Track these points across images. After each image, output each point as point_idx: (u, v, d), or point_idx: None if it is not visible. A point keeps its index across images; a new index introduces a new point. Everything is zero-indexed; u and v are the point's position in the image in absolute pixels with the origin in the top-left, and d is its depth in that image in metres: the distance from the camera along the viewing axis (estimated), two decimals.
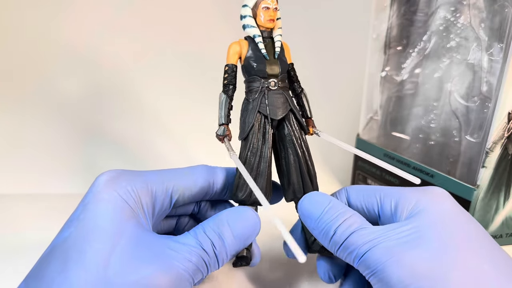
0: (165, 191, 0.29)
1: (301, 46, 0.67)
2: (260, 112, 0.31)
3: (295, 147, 0.31)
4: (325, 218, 0.28)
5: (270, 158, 0.31)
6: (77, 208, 0.27)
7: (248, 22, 0.30)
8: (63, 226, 0.26)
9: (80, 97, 0.61)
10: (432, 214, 0.26)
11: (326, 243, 0.28)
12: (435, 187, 0.29)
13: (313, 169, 0.32)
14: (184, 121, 0.64)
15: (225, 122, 0.31)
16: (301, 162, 0.31)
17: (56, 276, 0.23)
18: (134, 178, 0.28)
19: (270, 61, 0.31)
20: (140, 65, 0.63)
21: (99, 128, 0.61)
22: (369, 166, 0.53)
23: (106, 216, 0.25)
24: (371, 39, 0.51)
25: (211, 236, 0.27)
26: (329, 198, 0.29)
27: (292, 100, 0.32)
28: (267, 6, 0.30)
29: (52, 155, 0.58)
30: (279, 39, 0.31)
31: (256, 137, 0.31)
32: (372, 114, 0.53)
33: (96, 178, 0.28)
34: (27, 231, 0.44)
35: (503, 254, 0.25)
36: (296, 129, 0.32)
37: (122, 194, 0.26)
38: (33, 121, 0.59)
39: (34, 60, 0.59)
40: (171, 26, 0.63)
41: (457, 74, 0.43)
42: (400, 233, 0.25)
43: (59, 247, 0.24)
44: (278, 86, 0.31)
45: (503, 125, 0.38)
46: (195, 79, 0.65)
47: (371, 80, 0.52)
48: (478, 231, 0.26)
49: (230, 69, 0.31)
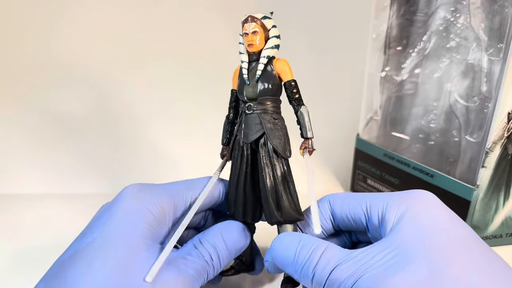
0: (185, 202, 0.31)
1: (301, 46, 0.67)
2: (237, 135, 0.32)
3: (263, 172, 0.30)
4: (299, 262, 0.26)
5: (246, 179, 0.32)
6: (100, 215, 0.28)
7: (239, 49, 0.32)
8: (85, 230, 0.28)
9: (92, 106, 0.62)
10: (418, 226, 0.26)
11: (308, 285, 0.26)
12: (423, 192, 0.29)
13: (287, 195, 0.30)
14: (196, 129, 0.65)
15: (222, 144, 0.34)
16: (267, 188, 0.30)
17: (80, 277, 0.23)
18: (159, 191, 0.30)
19: (250, 85, 0.31)
20: (144, 74, 0.64)
21: (110, 134, 0.62)
22: (369, 166, 0.53)
23: (132, 226, 0.27)
24: (371, 39, 0.51)
25: (208, 247, 0.29)
26: (298, 237, 0.28)
27: (274, 123, 0.31)
28: (245, 32, 0.30)
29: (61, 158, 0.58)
30: (262, 62, 0.30)
31: (235, 158, 0.32)
32: (372, 114, 0.53)
33: (123, 190, 0.30)
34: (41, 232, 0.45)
35: (494, 257, 0.25)
36: (268, 153, 0.31)
37: (148, 206, 0.28)
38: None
39: (37, 67, 0.60)
40: (172, 32, 0.64)
41: (457, 74, 0.43)
42: (383, 257, 0.24)
43: (82, 251, 0.25)
44: (253, 110, 0.31)
45: (503, 125, 0.38)
46: (201, 86, 0.65)
47: (371, 80, 0.52)
48: (468, 237, 0.26)
49: (231, 94, 0.33)
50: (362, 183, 0.55)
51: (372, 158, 0.52)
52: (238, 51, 0.32)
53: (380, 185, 0.51)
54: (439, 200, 0.29)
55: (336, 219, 0.32)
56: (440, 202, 0.29)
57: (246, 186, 0.32)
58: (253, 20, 0.30)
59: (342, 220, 0.31)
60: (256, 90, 0.31)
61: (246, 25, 0.30)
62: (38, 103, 0.60)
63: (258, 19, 0.30)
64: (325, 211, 0.32)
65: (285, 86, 0.32)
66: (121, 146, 0.62)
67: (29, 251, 0.41)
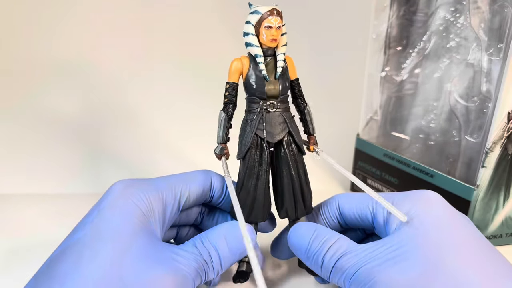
0: (174, 196, 0.31)
1: (301, 46, 0.67)
2: (257, 134, 0.31)
3: (290, 169, 0.31)
4: (312, 249, 0.29)
5: (267, 179, 0.31)
6: (90, 213, 0.28)
7: (250, 40, 0.29)
8: (75, 228, 0.28)
9: (79, 106, 0.62)
10: (421, 224, 0.27)
11: (318, 271, 0.29)
12: (427, 192, 0.30)
13: (308, 190, 0.32)
14: (181, 128, 0.65)
15: (223, 142, 0.32)
16: (295, 184, 0.31)
17: (69, 272, 0.24)
18: (147, 186, 0.30)
19: (270, 82, 0.30)
20: (134, 74, 0.64)
21: (98, 135, 0.62)
22: (369, 166, 0.53)
23: (121, 221, 0.27)
24: (371, 39, 0.51)
25: (208, 247, 0.28)
26: (313, 228, 0.30)
27: (292, 121, 0.32)
28: (269, 25, 0.28)
29: (50, 157, 0.58)
30: (281, 58, 0.30)
31: (253, 158, 0.31)
32: (372, 114, 0.53)
33: (111, 186, 0.30)
34: (31, 232, 0.44)
35: (496, 256, 0.25)
36: (293, 151, 0.31)
37: (136, 202, 0.28)
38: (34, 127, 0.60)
39: (30, 70, 0.60)
40: (168, 33, 0.64)
41: (457, 74, 0.43)
42: (382, 252, 0.26)
43: (72, 247, 0.25)
44: (276, 108, 0.30)
45: (502, 125, 0.38)
46: (189, 85, 0.65)
47: (371, 80, 0.52)
48: (469, 235, 0.26)
49: (230, 87, 0.31)
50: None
51: (372, 158, 0.52)
52: (244, 42, 0.30)
53: (380, 185, 0.51)
54: (443, 199, 0.29)
55: (345, 218, 0.33)
56: (444, 201, 0.29)
57: (266, 187, 0.31)
58: (278, 14, 0.28)
59: (350, 219, 0.32)
60: (278, 87, 0.30)
61: (272, 18, 0.28)
62: (34, 101, 0.60)
63: (281, 13, 0.29)
64: (333, 210, 0.33)
65: (293, 83, 0.32)
66: (119, 146, 0.62)
67: (21, 251, 0.40)
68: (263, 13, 0.28)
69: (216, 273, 0.29)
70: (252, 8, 0.29)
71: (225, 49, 0.57)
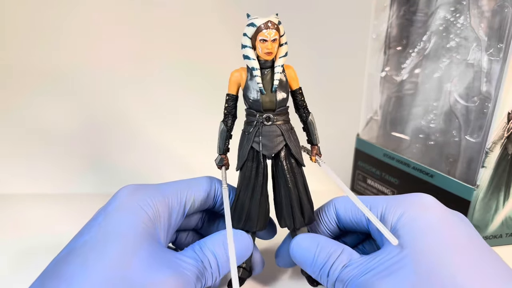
0: (179, 202, 0.31)
1: (301, 47, 0.67)
2: (253, 147, 0.31)
3: (286, 182, 0.31)
4: (318, 263, 0.29)
5: (263, 190, 0.31)
6: (97, 216, 0.29)
7: (247, 53, 0.29)
8: (82, 230, 0.28)
9: (83, 109, 0.62)
10: (413, 231, 0.27)
11: (324, 282, 0.30)
12: (422, 195, 0.30)
13: (307, 201, 0.32)
14: (184, 134, 0.65)
15: (222, 153, 0.32)
16: (292, 196, 0.31)
17: (76, 272, 0.24)
18: (153, 192, 0.30)
19: (266, 95, 0.29)
20: (137, 79, 0.64)
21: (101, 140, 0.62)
22: (369, 166, 0.53)
23: (128, 224, 0.27)
24: (371, 39, 0.51)
25: (207, 253, 0.29)
26: (317, 241, 0.30)
27: (291, 133, 0.31)
28: (264, 38, 0.27)
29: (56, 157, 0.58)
30: (278, 71, 0.29)
31: (250, 170, 0.31)
32: (372, 114, 0.53)
33: (118, 191, 0.30)
34: (36, 232, 0.45)
35: (492, 258, 0.25)
36: (290, 164, 0.31)
37: (143, 206, 0.28)
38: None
39: (31, 71, 0.60)
40: (167, 34, 0.64)
41: (456, 74, 0.43)
42: (378, 261, 0.27)
43: (78, 249, 0.26)
44: (273, 121, 0.30)
45: (502, 125, 0.38)
46: (192, 90, 0.65)
47: (371, 80, 0.52)
48: (465, 237, 0.27)
49: (230, 99, 0.31)
50: (362, 183, 0.55)
51: (372, 158, 0.52)
52: (241, 54, 0.29)
53: (380, 185, 0.51)
54: (438, 202, 0.29)
55: (341, 222, 0.33)
56: (439, 204, 0.29)
57: (261, 198, 0.31)
58: (273, 26, 0.28)
59: (347, 223, 0.32)
60: (274, 100, 0.30)
61: (266, 32, 0.27)
62: (37, 102, 0.60)
63: (277, 25, 0.28)
64: (331, 214, 0.33)
65: (295, 93, 0.31)
66: (122, 147, 0.62)
67: (27, 251, 0.41)
68: (258, 26, 0.28)
69: (214, 279, 0.29)
70: (249, 20, 0.28)
71: (228, 53, 0.57)
